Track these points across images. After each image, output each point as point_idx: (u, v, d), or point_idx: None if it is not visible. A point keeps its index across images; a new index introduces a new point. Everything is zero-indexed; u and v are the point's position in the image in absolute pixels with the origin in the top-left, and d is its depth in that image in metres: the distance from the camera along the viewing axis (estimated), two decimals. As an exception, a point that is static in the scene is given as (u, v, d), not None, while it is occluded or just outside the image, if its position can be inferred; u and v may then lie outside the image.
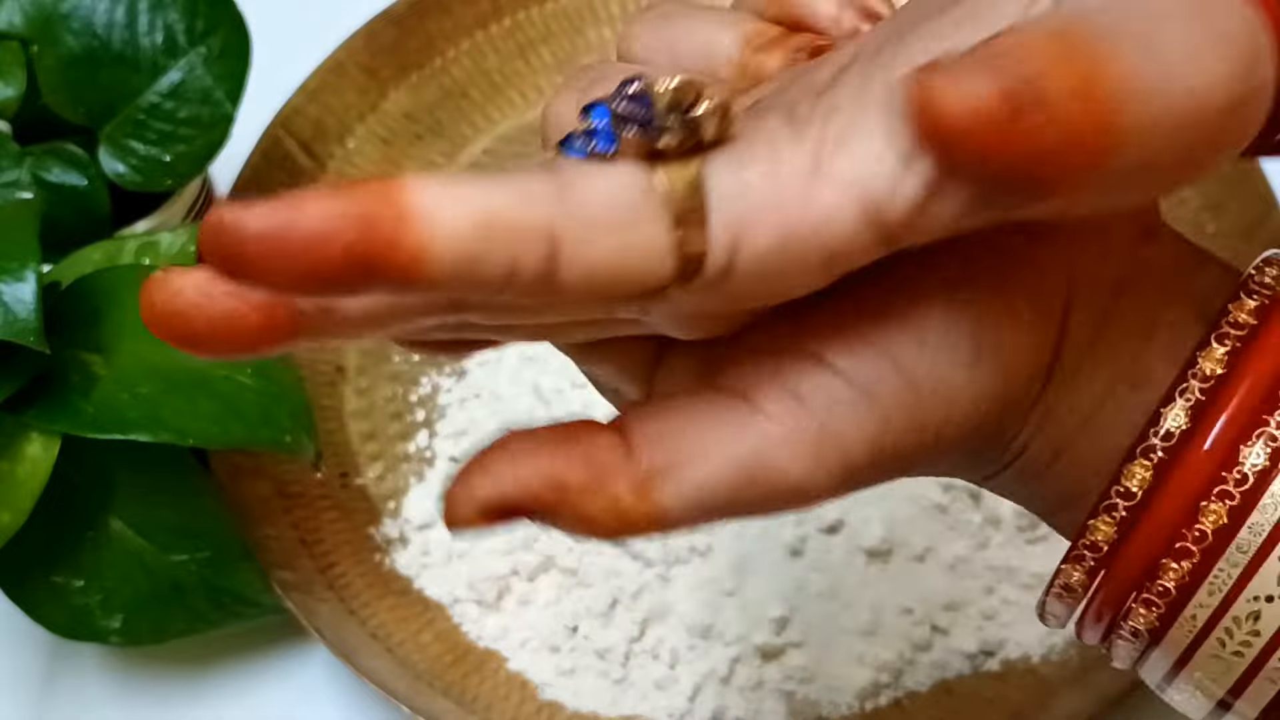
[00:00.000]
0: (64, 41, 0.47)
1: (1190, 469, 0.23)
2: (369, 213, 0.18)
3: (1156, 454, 0.23)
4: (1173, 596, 0.23)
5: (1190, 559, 0.23)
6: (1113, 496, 0.23)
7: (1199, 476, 0.22)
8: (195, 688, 0.49)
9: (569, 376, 0.52)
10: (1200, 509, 0.22)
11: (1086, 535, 0.24)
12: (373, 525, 0.51)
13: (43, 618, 0.44)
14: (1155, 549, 0.23)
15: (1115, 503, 0.23)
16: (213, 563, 0.45)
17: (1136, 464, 0.23)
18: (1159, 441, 0.23)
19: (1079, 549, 0.24)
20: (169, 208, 0.51)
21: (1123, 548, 0.23)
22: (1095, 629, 0.25)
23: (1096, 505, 0.23)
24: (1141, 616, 0.24)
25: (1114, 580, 0.24)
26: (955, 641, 0.47)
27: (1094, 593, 0.24)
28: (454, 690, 0.46)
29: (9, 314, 0.39)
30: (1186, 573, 0.23)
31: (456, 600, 0.49)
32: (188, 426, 0.41)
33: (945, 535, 0.48)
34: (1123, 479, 0.23)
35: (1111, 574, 0.24)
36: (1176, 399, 0.23)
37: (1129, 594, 0.24)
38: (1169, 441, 0.23)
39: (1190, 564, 0.23)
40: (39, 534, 0.42)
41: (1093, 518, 0.23)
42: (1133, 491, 0.23)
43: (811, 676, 0.46)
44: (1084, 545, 0.24)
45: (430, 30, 0.57)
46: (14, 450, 0.41)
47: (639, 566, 0.48)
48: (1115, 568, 0.23)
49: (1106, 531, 0.23)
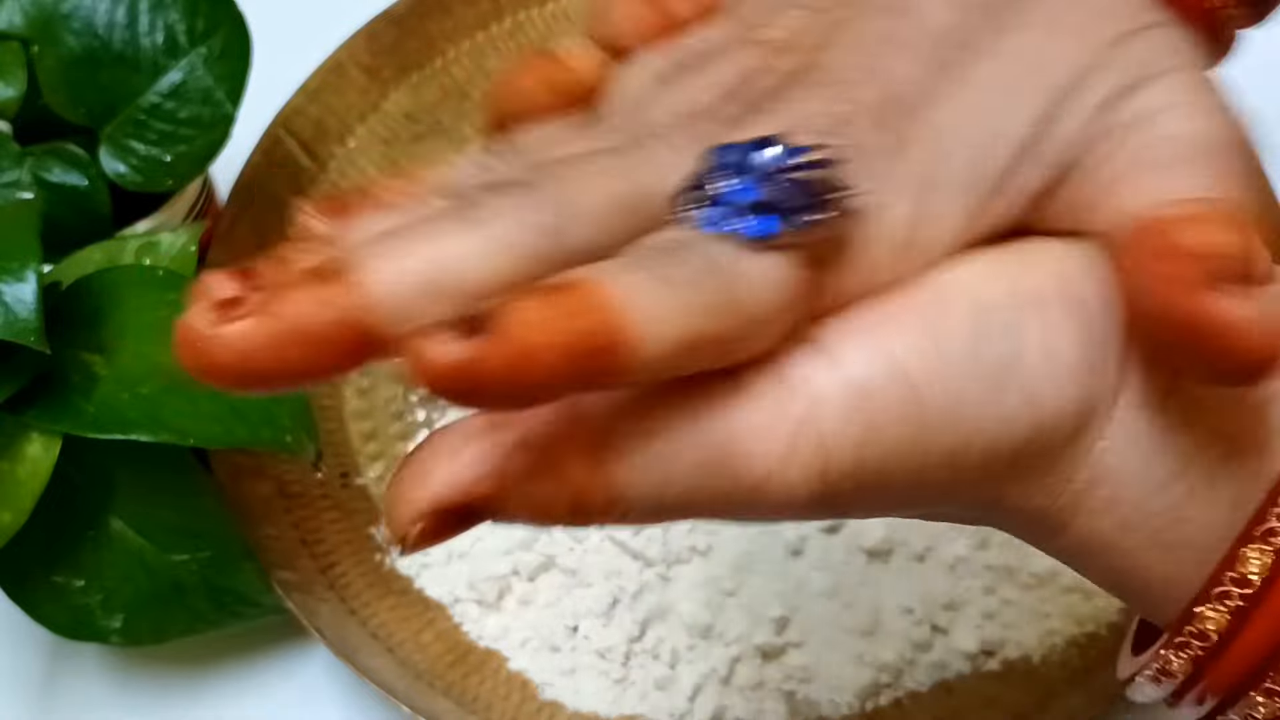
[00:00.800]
0: (65, 42, 0.47)
1: None
2: (583, 344, 0.17)
3: (1278, 538, 0.21)
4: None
5: None
6: (1225, 583, 0.21)
7: None
8: (196, 688, 0.49)
9: (569, 376, 0.52)
10: None
11: (1193, 623, 0.21)
12: (373, 525, 0.51)
13: (43, 617, 0.44)
14: (1275, 642, 0.21)
15: (1229, 590, 0.21)
16: (213, 563, 0.45)
17: (1254, 548, 0.21)
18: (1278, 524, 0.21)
19: (1184, 635, 0.22)
20: (170, 208, 0.51)
21: (1237, 638, 0.21)
22: (1195, 709, 0.23)
23: (1206, 591, 0.21)
24: (1261, 706, 0.22)
25: (1225, 672, 0.22)
26: (955, 641, 0.47)
27: (1198, 680, 0.22)
28: (454, 690, 0.46)
29: (10, 314, 0.39)
30: None
31: (457, 600, 0.49)
32: (188, 426, 0.41)
33: (945, 535, 0.48)
34: (1238, 565, 0.21)
35: (1223, 664, 0.22)
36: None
37: (1244, 684, 0.22)
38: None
39: None
40: (40, 534, 0.42)
41: (1200, 604, 0.21)
42: (1249, 578, 0.21)
43: (812, 676, 0.46)
44: (1189, 633, 0.21)
45: (431, 30, 0.57)
46: (15, 450, 0.41)
47: (639, 566, 0.48)
48: (1230, 657, 0.21)
49: (1218, 621, 0.21)
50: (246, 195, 0.54)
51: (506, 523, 0.20)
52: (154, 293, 0.44)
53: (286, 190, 0.55)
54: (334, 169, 0.56)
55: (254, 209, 0.54)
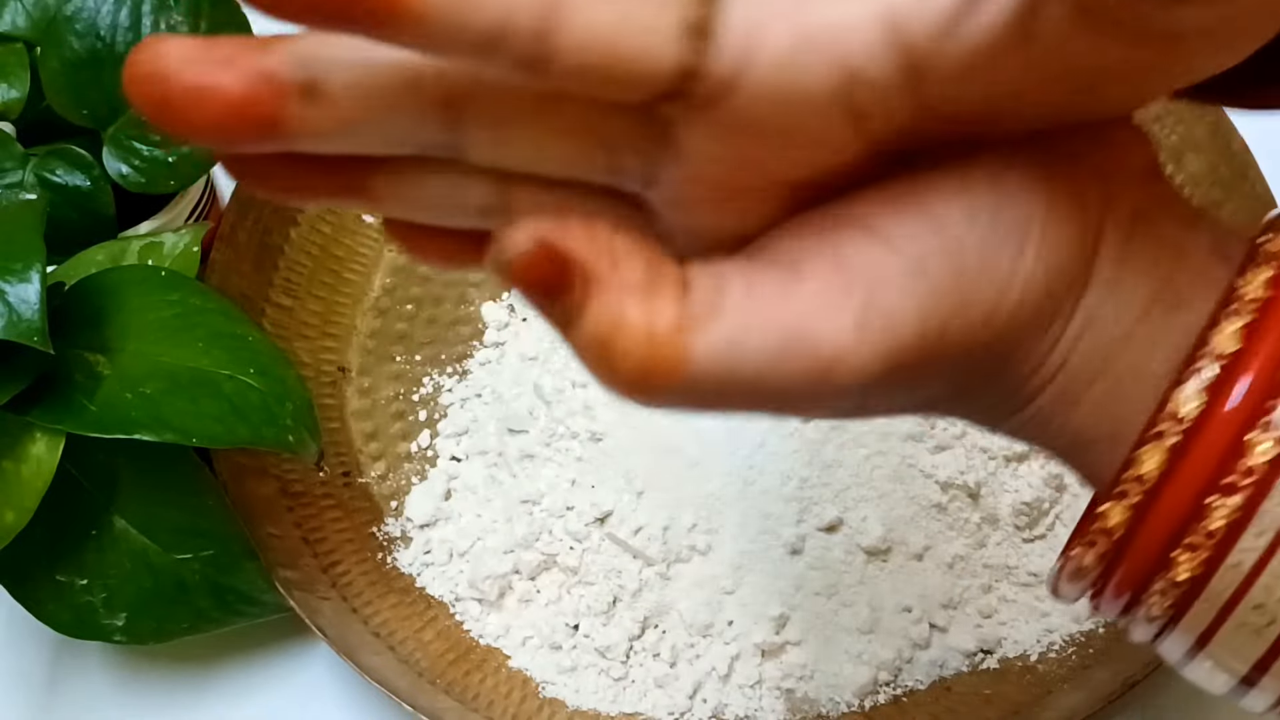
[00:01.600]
0: (68, 43, 0.47)
1: (1242, 396, 0.22)
2: None
3: (1206, 374, 0.22)
4: (1221, 536, 0.22)
5: (1242, 491, 0.22)
6: (1160, 423, 0.22)
7: (1251, 400, 0.21)
8: (198, 686, 0.49)
9: (570, 376, 0.52)
10: (1246, 444, 0.21)
11: (1132, 468, 0.22)
12: (375, 524, 0.51)
13: (47, 616, 0.44)
14: (1202, 485, 0.22)
15: (1162, 430, 0.22)
16: (216, 561, 0.45)
17: (1147, 449, 0.22)
18: (1208, 364, 0.22)
19: (1122, 483, 0.23)
20: (173, 209, 0.51)
21: (1167, 486, 0.22)
22: (1114, 605, 0.24)
23: (1108, 490, 0.23)
24: (1157, 600, 0.23)
25: (1155, 524, 0.23)
26: (954, 640, 0.47)
27: (1109, 576, 0.23)
28: (456, 688, 0.47)
29: (14, 314, 0.39)
30: (1236, 509, 0.22)
31: (458, 598, 0.49)
32: (191, 426, 0.41)
33: (944, 534, 0.48)
34: (1132, 466, 0.22)
35: (1156, 513, 0.22)
36: (1222, 321, 0.22)
37: (1170, 545, 0.23)
38: (1221, 361, 0.22)
39: (1241, 498, 0.22)
40: (43, 533, 0.42)
41: (1103, 503, 0.23)
42: (1182, 417, 0.22)
43: (811, 674, 0.47)
44: (1129, 479, 0.22)
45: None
46: (18, 450, 0.41)
47: (640, 565, 0.48)
48: (1160, 506, 0.22)
49: (1157, 461, 0.22)
50: (249, 196, 0.54)
51: (561, 333, 0.20)
52: (157, 293, 0.44)
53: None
54: (336, 170, 0.57)
55: (256, 209, 0.54)
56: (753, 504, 0.48)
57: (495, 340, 0.55)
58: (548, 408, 0.51)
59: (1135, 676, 0.43)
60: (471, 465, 0.52)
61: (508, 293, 0.56)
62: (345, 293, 0.56)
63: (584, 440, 0.50)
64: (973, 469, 0.49)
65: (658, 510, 0.49)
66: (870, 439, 0.49)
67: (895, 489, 0.49)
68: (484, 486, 0.51)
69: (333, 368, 0.54)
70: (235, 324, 0.44)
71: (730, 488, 0.49)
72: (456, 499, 0.51)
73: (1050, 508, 0.49)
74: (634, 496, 0.49)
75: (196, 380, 0.41)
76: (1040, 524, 0.49)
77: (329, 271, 0.56)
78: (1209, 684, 0.25)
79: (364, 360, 0.55)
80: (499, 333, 0.55)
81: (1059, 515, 0.49)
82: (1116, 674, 0.44)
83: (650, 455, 0.50)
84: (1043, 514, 0.49)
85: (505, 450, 0.51)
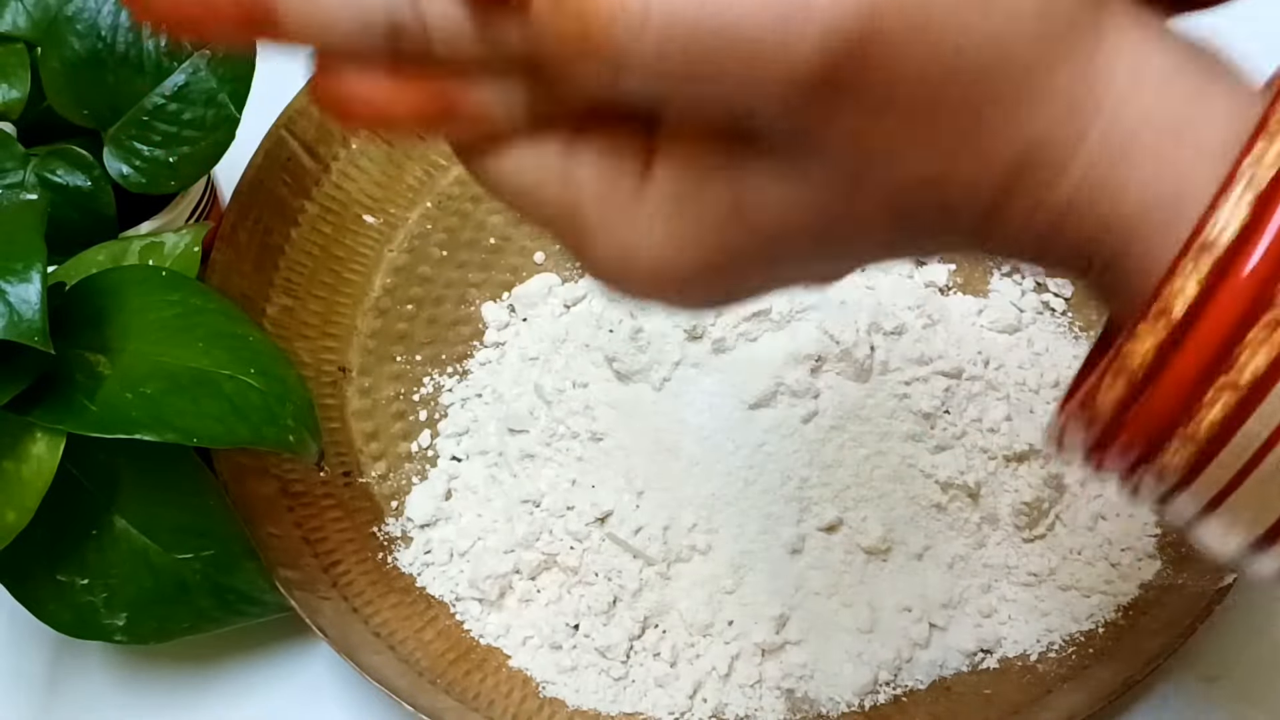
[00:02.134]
0: (69, 44, 0.47)
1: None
2: None
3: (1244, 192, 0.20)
4: (1261, 375, 0.20)
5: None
6: (1152, 315, 0.21)
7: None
8: (199, 686, 0.49)
9: (570, 376, 0.52)
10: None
11: (1168, 286, 0.21)
12: (376, 524, 0.51)
13: (48, 616, 0.45)
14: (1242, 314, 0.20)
15: (1157, 322, 0.21)
16: (217, 561, 0.45)
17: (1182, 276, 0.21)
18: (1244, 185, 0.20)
19: (1161, 297, 0.21)
20: (173, 209, 0.51)
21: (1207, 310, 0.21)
22: (1127, 452, 0.22)
23: (1143, 312, 0.21)
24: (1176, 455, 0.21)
25: (1188, 356, 0.21)
26: (953, 639, 0.47)
27: (1159, 371, 0.21)
28: (456, 688, 0.47)
29: (15, 314, 0.39)
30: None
31: (459, 598, 0.49)
32: (192, 426, 0.41)
33: (943, 534, 0.49)
34: (1162, 297, 0.21)
35: (1192, 341, 0.21)
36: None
37: (1202, 383, 0.21)
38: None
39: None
40: (44, 533, 0.42)
41: (1181, 258, 0.21)
42: (1173, 310, 0.21)
43: (811, 674, 0.47)
44: (1171, 294, 0.21)
45: (432, 32, 0.58)
46: (19, 450, 0.41)
47: (640, 565, 0.48)
48: (1197, 334, 0.21)
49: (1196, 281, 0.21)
50: (249, 196, 0.54)
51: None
52: (158, 293, 0.44)
53: (289, 191, 0.55)
54: (336, 170, 0.57)
55: (257, 210, 0.54)
56: (753, 504, 0.48)
57: (495, 340, 0.55)
58: (548, 408, 0.51)
59: (1135, 676, 0.43)
60: (472, 465, 0.52)
61: (508, 293, 0.56)
62: (346, 293, 0.56)
63: (584, 440, 0.50)
64: (973, 469, 0.49)
65: (658, 510, 0.49)
66: (870, 439, 0.49)
67: (895, 489, 0.49)
68: (484, 486, 0.51)
69: (333, 368, 0.54)
70: (236, 324, 0.44)
71: (730, 488, 0.49)
72: (457, 499, 0.51)
73: (1050, 508, 0.49)
74: (634, 496, 0.49)
75: (197, 380, 0.41)
76: (1040, 524, 0.49)
77: (329, 271, 0.56)
78: (1219, 545, 0.23)
79: (364, 360, 0.55)
80: (499, 333, 0.55)
81: (1059, 515, 0.49)
82: (1116, 674, 0.44)
83: (650, 455, 0.50)
84: (1043, 514, 0.49)
85: (505, 450, 0.51)
